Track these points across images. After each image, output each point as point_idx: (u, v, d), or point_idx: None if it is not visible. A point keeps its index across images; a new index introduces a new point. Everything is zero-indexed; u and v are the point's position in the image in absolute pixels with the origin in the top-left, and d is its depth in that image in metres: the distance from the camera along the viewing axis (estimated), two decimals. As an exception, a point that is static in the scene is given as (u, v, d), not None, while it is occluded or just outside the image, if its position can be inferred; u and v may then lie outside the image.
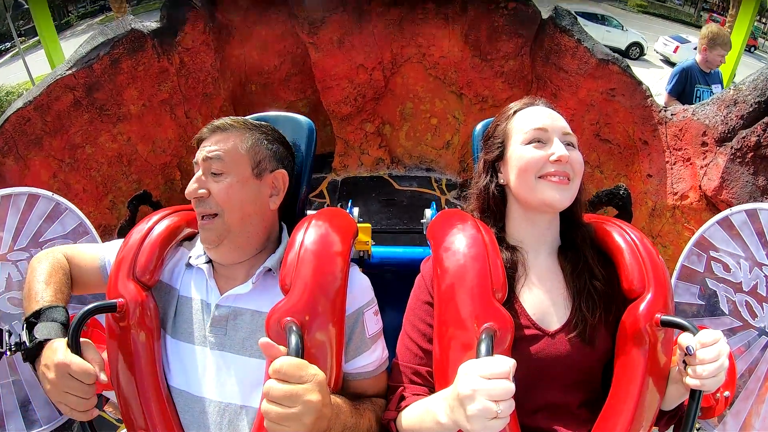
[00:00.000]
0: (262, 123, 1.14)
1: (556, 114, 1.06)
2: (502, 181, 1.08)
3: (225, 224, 1.01)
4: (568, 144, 1.03)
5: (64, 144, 2.57)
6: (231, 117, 1.10)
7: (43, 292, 1.00)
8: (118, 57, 2.61)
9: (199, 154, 1.05)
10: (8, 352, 0.92)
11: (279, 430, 0.75)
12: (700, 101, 3.13)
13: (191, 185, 1.02)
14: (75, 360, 0.87)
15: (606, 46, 3.00)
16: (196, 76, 3.08)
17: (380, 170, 3.98)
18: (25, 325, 0.94)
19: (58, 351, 0.88)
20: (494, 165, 1.10)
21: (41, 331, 0.93)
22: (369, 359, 1.02)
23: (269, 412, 0.74)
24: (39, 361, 0.90)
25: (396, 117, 3.89)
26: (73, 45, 2.68)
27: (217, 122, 1.08)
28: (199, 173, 1.03)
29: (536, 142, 1.01)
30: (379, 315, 1.07)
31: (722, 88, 3.31)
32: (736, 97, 2.27)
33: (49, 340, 0.92)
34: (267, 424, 0.75)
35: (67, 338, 0.90)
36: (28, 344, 0.91)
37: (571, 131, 1.04)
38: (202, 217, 1.02)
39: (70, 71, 2.48)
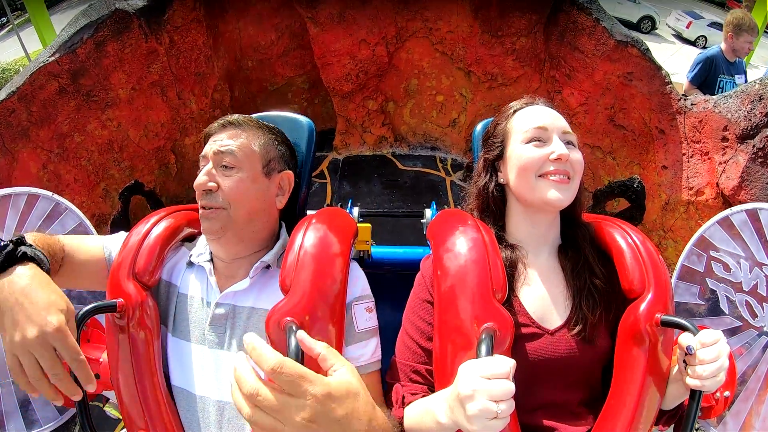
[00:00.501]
0: (271, 125, 1.15)
1: (555, 113, 1.06)
2: (502, 180, 1.08)
3: (229, 217, 1.01)
4: (568, 143, 1.02)
5: (52, 134, 2.48)
6: (242, 115, 1.11)
7: (33, 240, 0.93)
8: (102, 40, 2.48)
9: (210, 148, 1.05)
10: None
11: None
12: (722, 93, 2.98)
13: (201, 177, 1.02)
14: (70, 339, 0.77)
15: (617, 18, 2.86)
16: (187, 55, 2.94)
17: (383, 149, 3.87)
18: (10, 239, 0.85)
19: (45, 294, 0.78)
20: (494, 164, 1.10)
21: (29, 251, 0.85)
22: (356, 352, 1.00)
23: (260, 422, 0.62)
24: (9, 281, 0.79)
25: (400, 94, 3.74)
26: (70, 18, 2.52)
27: (228, 118, 1.09)
28: (209, 166, 1.03)
29: (536, 141, 1.01)
30: (373, 312, 1.05)
31: (746, 78, 3.13)
32: (762, 93, 2.12)
33: (32, 260, 0.84)
34: None
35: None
36: (6, 245, 0.81)
37: (570, 130, 1.04)
38: (205, 208, 1.02)
39: (53, 57, 2.35)
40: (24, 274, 0.81)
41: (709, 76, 3.11)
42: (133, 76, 2.71)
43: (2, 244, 0.83)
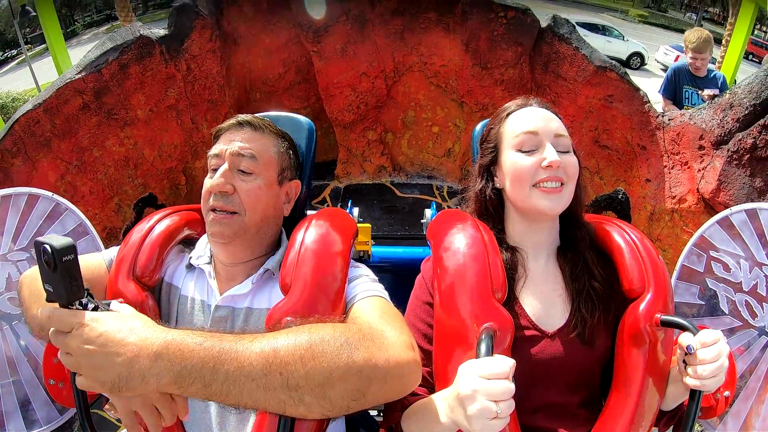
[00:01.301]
0: (284, 131, 1.13)
1: (549, 114, 1.03)
2: (498, 185, 1.07)
3: (243, 223, 0.99)
4: (562, 146, 1.00)
5: (72, 146, 2.61)
6: (257, 116, 1.08)
7: None
8: (126, 62, 2.67)
9: (225, 147, 1.00)
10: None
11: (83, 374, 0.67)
12: (689, 103, 3.17)
13: (218, 179, 0.97)
14: None
15: (607, 55, 3.04)
16: (202, 82, 3.14)
17: (382, 178, 4.02)
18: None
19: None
20: (489, 169, 1.09)
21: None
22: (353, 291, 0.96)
23: (63, 360, 0.67)
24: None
25: (398, 125, 3.94)
26: (79, 53, 2.74)
27: (246, 117, 1.05)
28: (224, 167, 0.99)
29: (527, 146, 0.99)
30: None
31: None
32: (732, 101, 2.31)
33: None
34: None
35: None
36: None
37: (565, 133, 1.01)
38: (218, 211, 0.98)
39: (79, 75, 2.53)
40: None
41: (676, 87, 3.27)
42: (151, 99, 2.89)
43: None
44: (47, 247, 0.63)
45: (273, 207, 1.04)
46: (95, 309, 0.69)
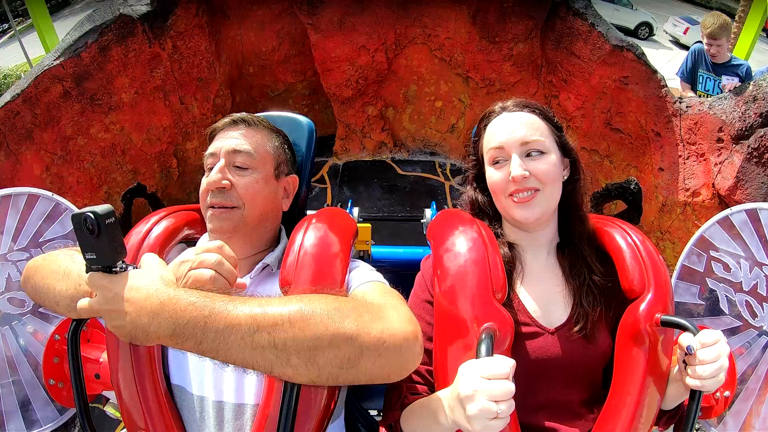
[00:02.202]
0: (279, 128, 1.16)
1: (518, 121, 1.01)
2: (488, 192, 1.09)
3: (243, 218, 1.01)
4: (532, 152, 0.99)
5: (56, 136, 2.51)
6: (251, 114, 1.11)
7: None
8: (107, 44, 2.52)
9: (221, 145, 1.03)
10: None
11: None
12: (702, 88, 3.01)
13: (214, 175, 1.00)
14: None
15: (614, 24, 2.89)
16: (189, 60, 2.97)
17: (383, 154, 3.90)
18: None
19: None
20: (477, 178, 1.12)
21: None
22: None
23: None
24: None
25: (399, 100, 3.77)
26: (72, 24, 2.57)
27: (239, 115, 1.08)
28: (221, 163, 1.01)
29: (498, 161, 1.01)
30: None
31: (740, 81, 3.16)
32: (756, 94, 2.16)
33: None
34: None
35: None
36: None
37: (535, 137, 0.99)
38: (215, 206, 1.00)
39: (57, 61, 2.39)
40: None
41: (694, 69, 3.17)
42: (136, 81, 2.75)
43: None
44: (90, 215, 0.68)
45: (271, 201, 1.06)
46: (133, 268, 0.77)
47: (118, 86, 2.68)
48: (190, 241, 1.17)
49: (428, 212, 1.86)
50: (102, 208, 0.69)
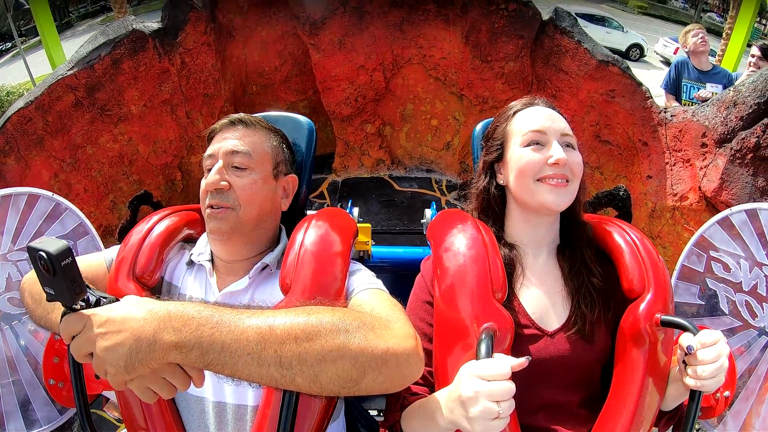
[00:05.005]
0: (277, 128, 1.15)
1: (555, 114, 1.05)
2: (501, 182, 1.08)
3: (239, 218, 1.00)
4: (567, 145, 1.02)
5: (66, 144, 2.57)
6: (249, 115, 1.10)
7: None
8: (119, 57, 2.62)
9: (219, 146, 1.03)
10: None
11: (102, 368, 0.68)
12: (687, 97, 3.14)
13: (212, 176, 0.99)
14: None
15: (606, 47, 3.02)
16: (197, 76, 3.08)
17: (381, 171, 3.98)
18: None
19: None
20: (494, 166, 1.10)
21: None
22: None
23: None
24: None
25: (396, 118, 3.88)
26: (74, 45, 2.68)
27: (237, 116, 1.08)
28: (219, 164, 1.01)
29: (534, 144, 1.01)
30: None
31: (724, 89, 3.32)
32: (736, 99, 2.28)
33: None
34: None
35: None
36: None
37: (570, 132, 1.03)
38: (214, 207, 1.00)
39: (71, 71, 2.48)
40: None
41: (678, 79, 3.27)
42: (145, 94, 2.84)
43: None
44: (43, 254, 0.62)
45: (270, 201, 1.05)
46: (97, 302, 0.71)
47: (127, 98, 2.77)
48: (191, 241, 1.17)
49: (428, 212, 1.85)
50: (57, 246, 0.63)
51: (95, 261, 1.10)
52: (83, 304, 0.69)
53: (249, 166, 1.02)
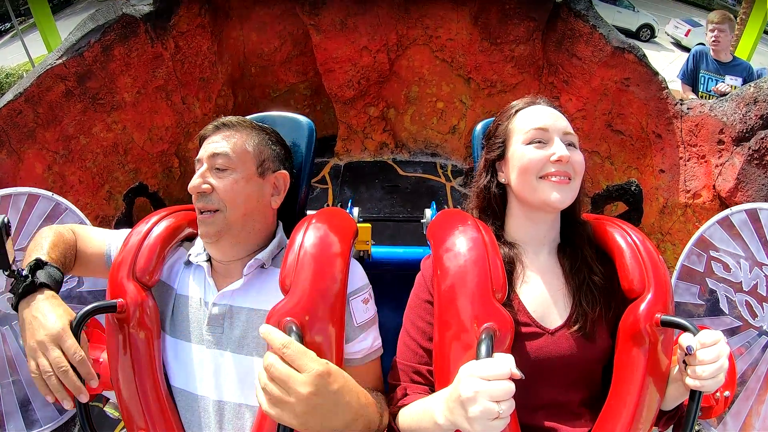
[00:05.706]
0: (265, 125, 1.16)
1: (557, 113, 1.06)
2: (503, 180, 1.08)
3: (226, 220, 1.01)
4: (569, 144, 1.03)
5: (58, 135, 2.50)
6: (235, 116, 1.12)
7: (50, 251, 1.02)
8: (109, 44, 2.51)
9: (204, 151, 1.05)
10: (5, 272, 0.92)
11: (274, 412, 0.74)
12: (705, 89, 3.00)
13: (195, 180, 1.02)
14: (71, 339, 0.88)
15: (616, 26, 2.89)
16: (192, 60, 2.97)
17: (384, 155, 3.89)
18: (29, 265, 0.96)
19: (53, 309, 0.91)
20: (495, 164, 1.11)
21: (43, 275, 0.95)
22: (357, 347, 1.01)
23: (270, 391, 0.74)
24: (27, 304, 0.92)
25: (401, 101, 3.77)
26: (73, 24, 2.57)
27: (222, 120, 1.10)
28: (203, 168, 1.04)
29: (537, 142, 1.02)
30: (370, 302, 1.06)
31: (743, 83, 3.16)
32: (757, 96, 2.16)
33: (47, 286, 0.94)
34: (264, 401, 0.75)
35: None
36: (26, 278, 0.93)
37: (572, 131, 1.04)
38: (202, 212, 1.02)
39: (60, 60, 2.38)
40: (39, 299, 0.93)
41: (695, 70, 3.16)
42: (138, 80, 2.74)
43: (23, 274, 0.94)
44: None
45: (255, 200, 1.06)
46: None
47: (120, 86, 2.67)
48: (191, 239, 1.18)
49: (428, 212, 1.85)
50: None
51: (95, 243, 1.16)
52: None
53: (229, 167, 1.03)
